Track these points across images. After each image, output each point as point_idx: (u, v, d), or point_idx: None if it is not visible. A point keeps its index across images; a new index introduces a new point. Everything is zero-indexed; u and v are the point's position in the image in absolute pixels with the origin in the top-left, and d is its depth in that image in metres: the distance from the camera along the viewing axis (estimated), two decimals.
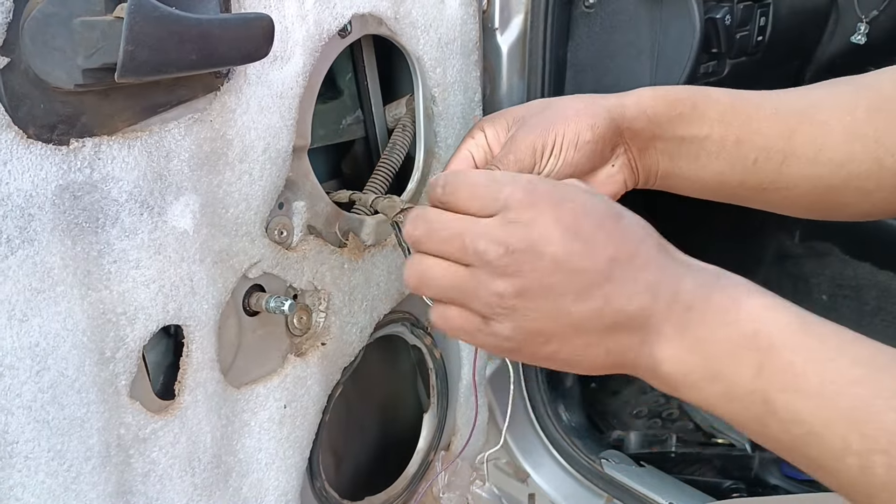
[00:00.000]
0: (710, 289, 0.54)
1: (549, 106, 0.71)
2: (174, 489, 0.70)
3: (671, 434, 1.28)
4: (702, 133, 0.71)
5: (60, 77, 0.54)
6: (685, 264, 0.56)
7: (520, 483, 1.13)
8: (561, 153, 0.68)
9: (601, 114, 0.69)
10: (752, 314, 0.52)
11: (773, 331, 0.51)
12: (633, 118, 0.70)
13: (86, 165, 0.58)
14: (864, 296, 1.45)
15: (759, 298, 0.53)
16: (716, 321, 0.53)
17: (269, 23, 0.60)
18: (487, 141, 0.73)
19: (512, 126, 0.72)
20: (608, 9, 0.97)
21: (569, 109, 0.70)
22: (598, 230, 0.54)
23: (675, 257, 0.57)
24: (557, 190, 0.57)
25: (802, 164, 0.69)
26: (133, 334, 0.64)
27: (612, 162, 0.72)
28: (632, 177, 0.74)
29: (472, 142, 0.73)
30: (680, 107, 0.71)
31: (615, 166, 0.73)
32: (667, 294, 0.54)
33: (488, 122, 0.74)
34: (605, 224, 0.55)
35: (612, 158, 0.72)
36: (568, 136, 0.68)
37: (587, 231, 0.54)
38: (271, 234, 0.73)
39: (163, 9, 0.52)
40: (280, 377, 0.78)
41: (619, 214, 0.57)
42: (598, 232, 0.54)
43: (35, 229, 0.56)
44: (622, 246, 0.54)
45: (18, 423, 0.58)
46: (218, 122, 0.65)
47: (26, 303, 0.57)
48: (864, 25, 1.20)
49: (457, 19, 0.85)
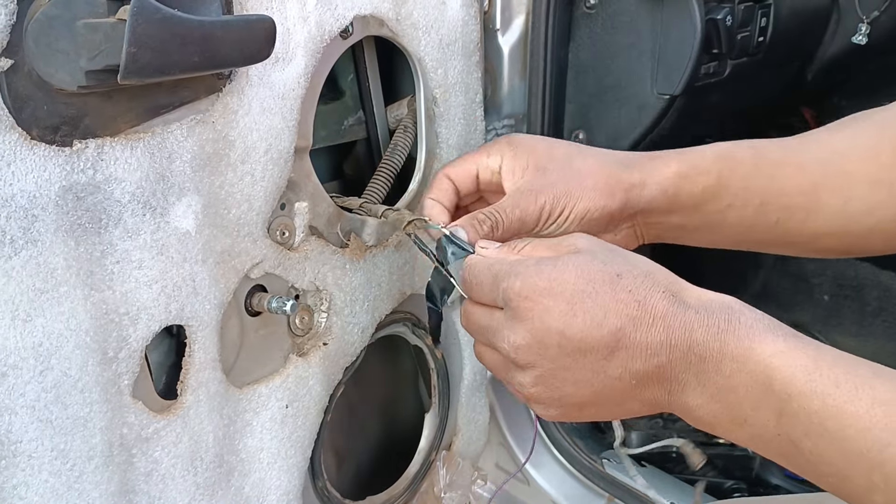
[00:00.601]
0: (722, 337, 0.53)
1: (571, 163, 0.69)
2: (176, 488, 0.71)
3: (672, 434, 1.28)
4: (724, 205, 0.70)
5: (64, 79, 0.54)
6: (694, 309, 0.55)
7: (521, 483, 1.13)
8: (565, 223, 0.68)
9: (618, 196, 0.68)
10: (763, 362, 0.52)
11: (787, 377, 0.51)
12: (651, 199, 0.69)
13: (89, 166, 0.58)
14: (865, 296, 1.45)
15: (771, 344, 0.52)
16: (731, 371, 0.53)
17: (270, 24, 0.61)
18: (501, 167, 0.71)
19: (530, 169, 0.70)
20: (609, 10, 0.97)
21: (587, 180, 0.68)
22: (595, 305, 0.55)
23: (686, 301, 0.55)
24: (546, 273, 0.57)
25: (827, 216, 0.68)
26: (136, 334, 0.64)
27: (615, 233, 0.71)
28: (634, 243, 0.73)
29: (486, 161, 0.72)
30: (703, 181, 0.70)
31: (618, 235, 0.72)
32: (681, 348, 0.54)
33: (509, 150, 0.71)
34: (602, 295, 0.55)
35: (615, 230, 0.71)
36: (577, 210, 0.68)
37: (584, 309, 0.55)
38: (273, 234, 0.74)
39: (165, 11, 0.52)
40: (282, 377, 0.79)
41: (616, 276, 0.56)
42: (596, 307, 0.55)
43: (38, 230, 0.56)
44: (624, 311, 0.55)
45: (22, 423, 0.59)
46: (220, 124, 0.65)
47: (30, 303, 0.57)
48: (866, 26, 1.20)
49: (458, 20, 0.86)
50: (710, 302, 0.56)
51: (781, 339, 0.53)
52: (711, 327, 0.54)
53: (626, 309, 0.55)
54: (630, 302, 0.55)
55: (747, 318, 0.54)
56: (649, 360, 0.55)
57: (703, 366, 0.54)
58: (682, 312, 0.55)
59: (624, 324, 0.55)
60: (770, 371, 0.51)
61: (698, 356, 0.54)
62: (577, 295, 0.56)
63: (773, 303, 1.55)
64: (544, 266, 0.58)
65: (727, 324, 0.54)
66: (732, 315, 0.54)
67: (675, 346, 0.54)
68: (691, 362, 0.54)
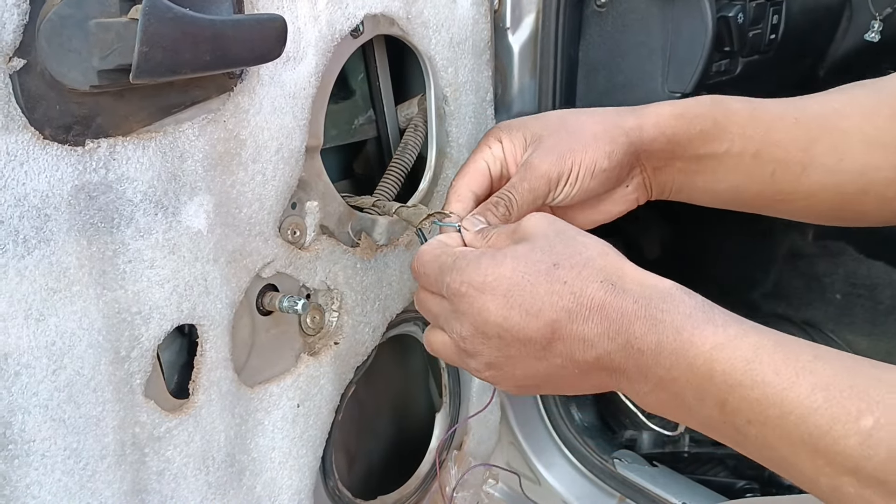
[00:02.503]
0: (660, 329, 0.53)
1: (566, 124, 0.70)
2: (188, 487, 0.71)
3: (684, 434, 1.27)
4: (721, 149, 0.70)
5: (76, 78, 0.54)
6: (633, 298, 0.54)
7: (532, 483, 1.13)
8: (577, 181, 0.68)
9: (619, 139, 0.69)
10: (702, 355, 0.51)
11: (727, 368, 0.51)
12: (651, 140, 0.70)
13: (101, 166, 0.58)
14: (878, 295, 1.44)
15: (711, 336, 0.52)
16: (671, 363, 0.53)
17: (281, 24, 0.61)
18: (504, 152, 0.72)
19: (529, 143, 0.71)
20: (620, 8, 0.97)
21: (586, 132, 0.69)
22: (531, 297, 0.56)
23: (625, 289, 0.55)
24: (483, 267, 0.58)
25: (822, 173, 0.69)
26: (148, 333, 0.64)
27: (626, 183, 0.72)
28: (645, 194, 0.73)
29: (489, 152, 0.72)
30: (700, 123, 0.70)
31: (629, 187, 0.72)
32: (618, 341, 0.54)
33: (505, 133, 0.72)
34: (537, 286, 0.56)
35: (626, 180, 0.72)
36: (585, 163, 0.68)
37: (520, 300, 0.56)
38: (284, 233, 0.74)
39: (177, 10, 0.52)
40: (293, 376, 0.79)
41: (553, 267, 0.56)
42: (531, 298, 0.56)
43: (51, 229, 0.56)
44: (559, 303, 0.55)
45: (35, 422, 0.59)
46: (231, 123, 0.65)
47: (43, 302, 0.57)
48: (878, 23, 1.19)
49: (468, 19, 0.86)
50: (651, 288, 0.55)
51: (721, 329, 0.52)
52: (649, 319, 0.53)
53: (561, 301, 0.55)
54: (565, 294, 0.55)
55: (686, 307, 0.54)
56: (587, 351, 0.55)
57: (643, 358, 0.53)
58: (620, 303, 0.54)
59: (559, 316, 0.55)
60: (710, 363, 0.51)
61: (637, 349, 0.53)
62: (512, 288, 0.57)
63: (785, 302, 1.54)
64: (483, 260, 0.59)
65: (665, 314, 0.53)
66: (671, 303, 0.54)
67: (613, 339, 0.54)
68: (630, 355, 0.54)
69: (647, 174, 0.72)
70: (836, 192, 0.69)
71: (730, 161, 0.70)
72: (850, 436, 0.46)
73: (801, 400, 0.48)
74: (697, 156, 0.71)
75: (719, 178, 0.71)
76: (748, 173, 0.70)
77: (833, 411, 0.47)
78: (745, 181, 0.71)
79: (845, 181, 0.68)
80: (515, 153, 0.72)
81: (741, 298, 1.51)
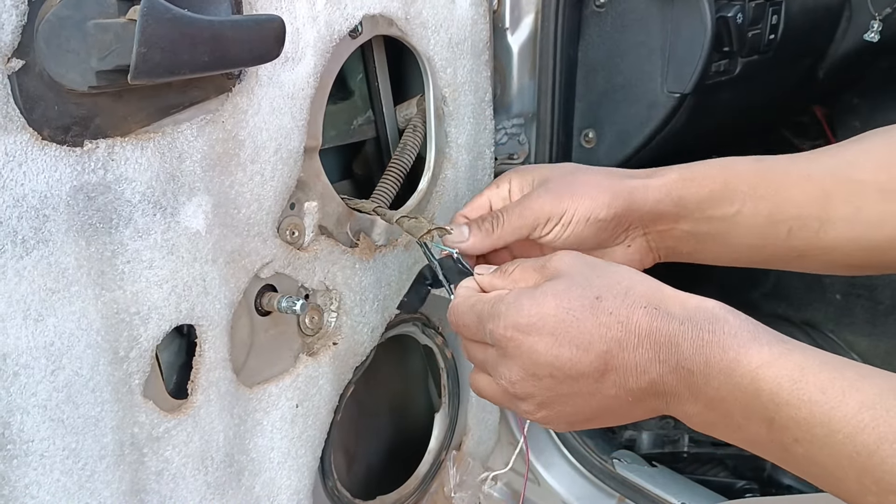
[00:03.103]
0: (707, 350, 0.53)
1: (575, 173, 0.71)
2: (187, 488, 0.71)
3: (683, 434, 1.27)
4: (732, 211, 0.69)
5: (74, 79, 0.54)
6: (679, 320, 0.55)
7: (531, 483, 1.13)
8: (570, 224, 0.68)
9: (622, 195, 0.69)
10: (749, 374, 0.52)
11: (773, 388, 0.51)
12: (656, 201, 0.69)
13: (99, 167, 0.58)
14: (878, 295, 1.44)
15: (756, 354, 0.52)
16: (720, 383, 0.53)
17: (280, 24, 0.61)
18: (510, 192, 0.73)
19: (535, 184, 0.72)
20: (619, 8, 0.97)
21: (590, 182, 0.69)
22: (579, 332, 0.56)
23: (669, 312, 0.56)
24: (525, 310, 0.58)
25: (840, 227, 0.68)
26: (146, 334, 0.64)
27: (626, 243, 0.71)
28: (649, 256, 0.72)
29: (496, 191, 0.74)
30: (709, 185, 0.69)
31: (631, 247, 0.72)
32: (669, 363, 0.55)
33: (516, 176, 0.74)
34: (584, 321, 0.56)
35: (626, 240, 0.71)
36: (581, 210, 0.68)
37: (568, 337, 0.57)
38: (283, 234, 0.74)
39: (175, 11, 0.52)
40: (292, 377, 0.79)
41: (595, 300, 0.57)
42: (579, 334, 0.56)
43: (50, 230, 0.56)
44: (608, 334, 0.56)
45: (34, 422, 0.59)
46: (230, 123, 0.66)
47: (41, 303, 0.57)
48: (878, 23, 1.19)
49: (467, 19, 0.86)
50: (695, 310, 0.56)
51: (766, 347, 0.53)
52: (696, 340, 0.54)
53: (610, 332, 0.56)
54: (613, 325, 0.56)
55: (731, 327, 0.54)
56: (640, 377, 0.56)
57: (693, 379, 0.54)
58: (667, 327, 0.55)
59: (610, 346, 0.56)
60: (757, 382, 0.52)
61: (687, 370, 0.54)
62: (559, 326, 0.57)
63: (785, 302, 1.54)
64: (524, 301, 0.59)
65: (711, 335, 0.54)
66: (717, 324, 0.54)
67: (664, 362, 0.55)
68: (681, 376, 0.55)
69: (652, 237, 0.72)
70: (855, 245, 0.68)
71: (743, 223, 0.69)
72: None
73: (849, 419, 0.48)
74: (707, 217, 0.70)
75: (733, 243, 0.71)
76: (762, 235, 0.69)
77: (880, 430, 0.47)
78: (761, 243, 0.70)
79: (864, 234, 0.67)
80: (521, 189, 0.73)
81: (742, 298, 1.51)
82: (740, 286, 1.56)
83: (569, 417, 0.61)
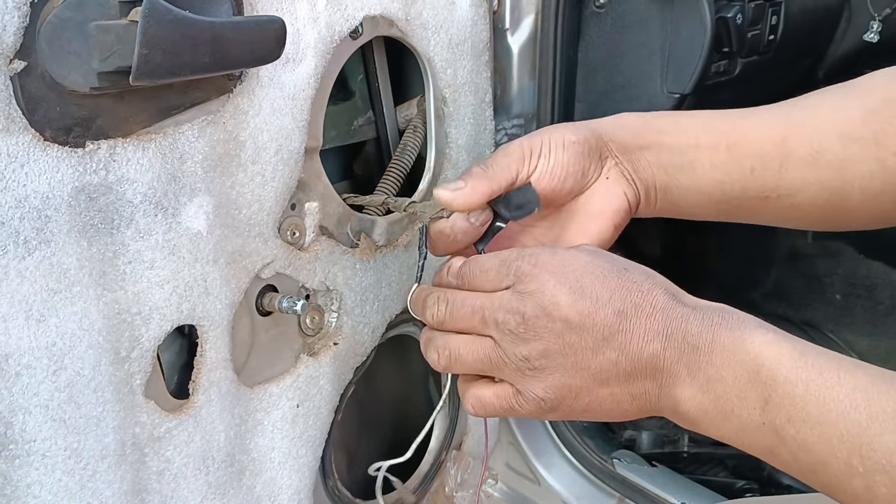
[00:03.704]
0: (715, 328, 0.56)
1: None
2: (188, 487, 0.71)
3: (683, 434, 1.27)
4: (688, 141, 0.71)
5: (76, 80, 0.54)
6: (691, 306, 0.58)
7: (531, 483, 1.13)
8: (550, 153, 0.70)
9: (582, 126, 0.72)
10: (753, 351, 0.55)
11: (774, 365, 0.54)
12: (613, 131, 0.72)
13: (101, 167, 0.58)
14: (877, 295, 1.44)
15: (761, 335, 0.55)
16: (722, 360, 0.55)
17: (281, 25, 0.61)
18: None
19: None
20: (619, 9, 0.97)
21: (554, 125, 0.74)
22: (603, 287, 0.59)
23: (683, 301, 0.59)
24: (559, 256, 0.61)
25: (801, 167, 0.69)
26: (148, 334, 0.64)
27: (605, 174, 0.73)
28: (631, 189, 0.73)
29: None
30: (660, 123, 0.73)
31: (609, 178, 0.73)
32: (676, 338, 0.57)
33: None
34: (609, 280, 0.59)
35: (603, 169, 0.72)
36: (554, 138, 0.70)
37: (592, 289, 0.59)
38: (284, 234, 0.74)
39: (176, 12, 0.52)
40: (293, 377, 0.79)
41: (623, 269, 0.60)
42: (603, 289, 0.59)
43: (52, 230, 0.57)
44: (628, 298, 0.58)
45: (35, 422, 0.59)
46: (231, 124, 0.66)
47: (43, 303, 0.57)
48: (878, 23, 1.19)
49: (467, 20, 0.86)
50: (707, 305, 0.59)
51: (771, 332, 0.56)
52: (706, 320, 0.57)
53: (630, 296, 0.58)
54: (634, 291, 0.59)
55: (738, 316, 0.58)
56: (645, 345, 0.57)
57: (695, 356, 0.56)
58: (681, 307, 0.58)
59: (626, 307, 0.58)
60: (758, 359, 0.54)
61: (691, 346, 0.56)
62: (586, 276, 0.59)
63: (785, 302, 1.54)
64: (558, 250, 0.62)
65: (721, 318, 0.57)
66: (726, 312, 0.58)
67: (671, 336, 0.57)
68: (684, 352, 0.56)
69: (624, 166, 0.73)
70: (820, 187, 0.69)
71: (704, 154, 0.71)
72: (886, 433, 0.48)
73: (842, 398, 0.50)
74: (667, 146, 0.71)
75: (699, 175, 0.72)
76: (726, 170, 0.71)
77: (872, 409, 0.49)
78: (726, 178, 0.71)
79: (826, 176, 0.69)
80: None
81: (742, 298, 1.51)
82: (740, 286, 1.56)
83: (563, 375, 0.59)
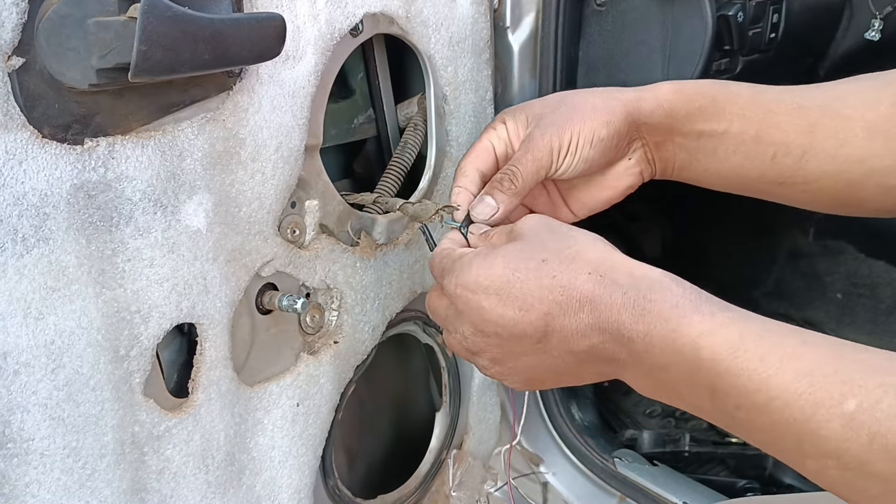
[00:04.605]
0: (648, 319, 0.55)
1: (566, 100, 0.72)
2: (188, 486, 0.71)
3: (684, 433, 1.27)
4: (720, 128, 0.71)
5: (75, 77, 0.54)
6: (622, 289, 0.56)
7: (532, 482, 1.13)
8: (577, 151, 0.69)
9: (617, 109, 0.70)
10: (690, 343, 0.53)
11: (713, 357, 0.52)
12: (649, 113, 0.71)
13: (100, 165, 0.58)
14: (879, 294, 1.44)
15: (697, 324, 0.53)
16: (661, 351, 0.54)
17: (281, 22, 0.61)
18: (508, 134, 0.74)
19: (531, 122, 0.73)
20: (620, 7, 0.97)
21: (586, 105, 0.71)
22: (523, 293, 0.59)
23: (614, 280, 0.57)
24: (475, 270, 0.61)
25: (822, 159, 0.69)
26: (147, 332, 0.64)
27: (629, 156, 0.73)
28: (648, 169, 0.74)
29: (494, 133, 0.74)
30: (699, 100, 0.71)
31: (632, 160, 0.74)
32: (610, 331, 0.56)
33: (509, 116, 0.75)
34: (528, 282, 0.59)
35: (628, 152, 0.73)
36: (584, 133, 0.69)
37: (513, 297, 0.59)
38: (284, 232, 0.74)
39: (176, 9, 0.52)
40: (293, 375, 0.79)
41: (542, 263, 0.59)
42: (524, 294, 0.59)
43: (50, 228, 0.56)
44: (549, 297, 0.58)
45: (34, 421, 0.59)
46: (230, 122, 0.65)
47: (42, 301, 0.57)
48: (879, 22, 1.19)
49: (468, 18, 0.86)
50: (641, 278, 0.57)
51: (708, 317, 0.53)
52: (637, 308, 0.55)
53: (552, 295, 0.58)
54: (555, 288, 0.58)
55: (673, 296, 0.55)
56: (581, 342, 0.57)
57: (634, 346, 0.55)
58: (609, 294, 0.56)
59: (550, 309, 0.58)
60: (697, 351, 0.53)
61: (628, 338, 0.56)
62: (504, 286, 0.59)
63: (787, 301, 1.54)
64: (475, 262, 0.61)
65: (651, 304, 0.55)
66: (659, 293, 0.55)
67: (605, 330, 0.56)
68: (622, 343, 0.56)
69: (649, 148, 0.73)
70: (836, 178, 0.69)
71: (730, 141, 0.71)
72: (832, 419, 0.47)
73: (786, 386, 0.49)
74: (697, 132, 0.71)
75: (720, 158, 0.72)
76: (749, 155, 0.71)
77: (817, 396, 0.48)
78: (747, 163, 0.71)
79: (846, 168, 0.69)
80: (519, 133, 0.73)
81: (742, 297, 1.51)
82: (741, 285, 1.56)
83: (522, 375, 0.63)
